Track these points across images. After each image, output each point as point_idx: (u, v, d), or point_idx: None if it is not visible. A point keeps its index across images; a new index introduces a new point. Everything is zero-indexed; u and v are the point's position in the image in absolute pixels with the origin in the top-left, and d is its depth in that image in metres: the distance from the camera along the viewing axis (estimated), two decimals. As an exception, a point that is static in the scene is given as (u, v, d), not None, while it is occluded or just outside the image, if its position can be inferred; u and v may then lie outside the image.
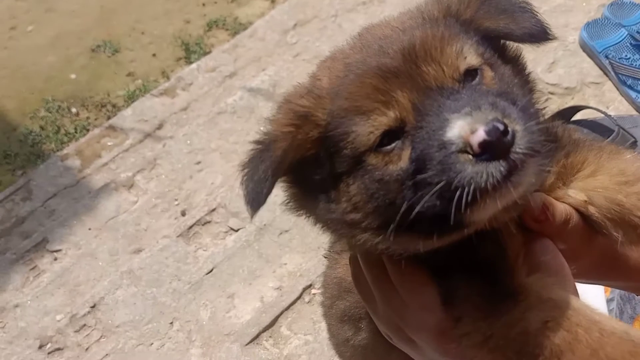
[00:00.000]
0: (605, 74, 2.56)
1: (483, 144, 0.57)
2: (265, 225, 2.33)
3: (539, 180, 0.69)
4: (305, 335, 2.01)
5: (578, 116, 2.38)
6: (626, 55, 2.47)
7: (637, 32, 2.47)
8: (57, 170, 2.69)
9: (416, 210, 0.61)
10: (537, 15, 0.72)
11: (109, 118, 2.90)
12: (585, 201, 0.74)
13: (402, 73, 0.64)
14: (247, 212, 0.70)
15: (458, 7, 0.73)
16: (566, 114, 2.38)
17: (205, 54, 3.09)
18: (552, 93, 2.58)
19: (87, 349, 2.09)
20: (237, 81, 2.93)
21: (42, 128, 2.88)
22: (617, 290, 1.44)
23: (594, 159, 0.75)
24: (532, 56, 2.74)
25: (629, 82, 2.45)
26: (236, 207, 2.40)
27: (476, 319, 0.67)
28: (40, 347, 2.09)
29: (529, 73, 0.77)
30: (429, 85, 0.64)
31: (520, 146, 0.58)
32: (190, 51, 3.12)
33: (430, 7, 0.74)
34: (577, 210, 0.74)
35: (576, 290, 0.74)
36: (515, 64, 0.75)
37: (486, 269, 0.69)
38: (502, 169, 0.58)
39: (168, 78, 3.04)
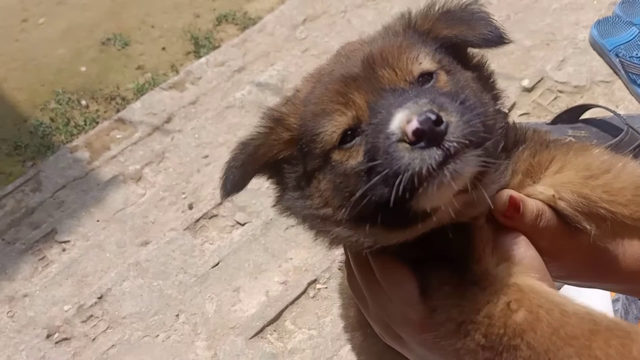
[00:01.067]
0: (615, 72, 2.53)
1: (416, 132, 0.62)
2: (271, 219, 2.34)
3: (496, 178, 0.74)
4: (309, 330, 2.02)
5: (587, 115, 2.37)
6: (637, 54, 2.45)
7: (649, 30, 2.45)
8: (66, 162, 2.71)
9: (359, 194, 0.68)
10: (492, 22, 0.78)
11: (118, 111, 2.92)
12: (554, 196, 0.77)
13: (360, 78, 0.72)
14: (220, 197, 0.81)
15: (416, 20, 0.81)
16: (575, 112, 2.37)
17: (215, 48, 3.10)
18: (561, 91, 2.56)
19: (93, 339, 2.11)
20: (245, 76, 2.94)
21: (52, 120, 2.91)
22: (623, 290, 1.43)
23: (561, 157, 0.78)
24: (542, 54, 2.74)
25: (639, 81, 2.43)
26: (243, 202, 2.42)
27: (448, 307, 0.70)
28: (48, 336, 2.12)
29: (494, 80, 0.83)
30: (383, 87, 0.71)
31: (454, 135, 0.63)
32: (200, 45, 3.13)
33: (394, 22, 0.84)
34: (549, 206, 0.77)
35: (552, 283, 0.76)
36: (479, 71, 0.82)
37: (456, 260, 0.72)
38: (436, 156, 0.63)
39: (177, 72, 3.05)
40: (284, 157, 0.79)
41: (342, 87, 0.72)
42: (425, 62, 0.74)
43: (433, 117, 0.62)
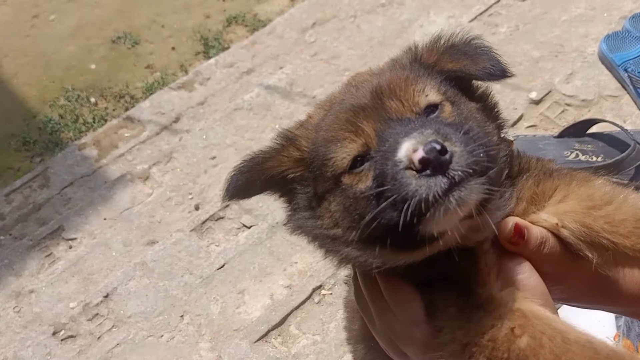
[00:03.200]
0: (624, 87, 2.55)
1: (422, 161, 0.66)
2: (277, 223, 2.36)
3: (500, 204, 0.78)
4: (313, 336, 2.04)
5: (594, 129, 2.38)
6: (646, 70, 2.46)
7: (658, 46, 2.47)
8: (74, 159, 2.73)
9: (369, 217, 0.72)
10: (495, 56, 0.83)
11: (127, 109, 2.94)
12: (557, 224, 0.80)
13: (369, 108, 0.77)
14: (222, 199, 0.87)
15: (423, 54, 0.86)
16: (582, 126, 2.39)
17: (224, 49, 3.11)
18: (568, 105, 2.57)
19: (99, 337, 2.13)
20: (254, 78, 2.95)
21: (61, 116, 2.92)
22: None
23: (565, 186, 0.82)
24: (550, 65, 2.75)
25: (647, 96, 2.45)
26: (249, 204, 2.43)
27: (453, 328, 0.73)
28: (54, 333, 2.14)
29: (498, 111, 0.88)
30: (390, 116, 0.76)
31: (458, 164, 0.67)
32: (209, 46, 3.14)
33: (402, 56, 0.89)
34: (552, 234, 0.80)
35: (554, 308, 0.79)
36: (483, 101, 0.86)
37: (462, 283, 0.75)
38: (442, 184, 0.67)
39: (186, 72, 3.07)
40: (295, 177, 0.83)
41: (352, 116, 0.77)
42: (431, 94, 0.78)
43: (438, 146, 0.66)
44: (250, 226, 2.39)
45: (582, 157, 2.31)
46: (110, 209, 2.53)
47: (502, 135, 0.85)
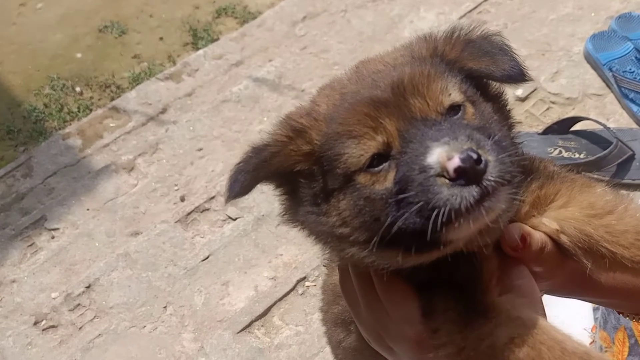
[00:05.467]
0: (608, 86, 2.58)
1: (458, 170, 0.64)
2: (263, 215, 2.35)
3: (511, 208, 0.75)
4: (296, 326, 2.04)
5: (577, 127, 2.41)
6: (630, 69, 2.49)
7: (643, 46, 2.49)
8: (58, 149, 2.70)
9: (397, 226, 0.68)
10: (515, 58, 0.79)
11: (112, 99, 2.91)
12: (558, 230, 0.80)
13: (390, 104, 0.72)
14: (225, 198, 0.80)
15: (444, 48, 0.80)
16: (566, 124, 2.41)
17: (213, 41, 3.09)
18: (553, 102, 2.60)
19: (80, 328, 2.11)
20: (243, 70, 2.94)
21: (45, 105, 2.89)
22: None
23: (566, 191, 0.81)
24: (537, 64, 2.77)
25: (631, 95, 2.47)
26: (235, 196, 2.43)
27: (451, 331, 0.73)
28: (35, 323, 2.12)
29: (509, 110, 0.85)
30: (414, 115, 0.71)
31: (492, 174, 0.65)
32: (198, 37, 3.12)
33: (418, 46, 0.82)
34: (550, 237, 0.80)
35: (544, 311, 0.80)
36: (497, 101, 0.82)
37: (463, 287, 0.75)
38: (475, 193, 0.64)
39: (174, 63, 3.05)
40: (301, 170, 0.78)
41: (372, 111, 0.72)
42: (454, 93, 0.75)
43: (475, 156, 0.64)
44: (236, 218, 2.38)
45: (565, 154, 2.33)
46: (93, 200, 2.51)
47: (513, 137, 0.83)
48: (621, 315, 1.04)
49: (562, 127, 2.39)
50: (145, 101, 2.86)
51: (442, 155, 0.65)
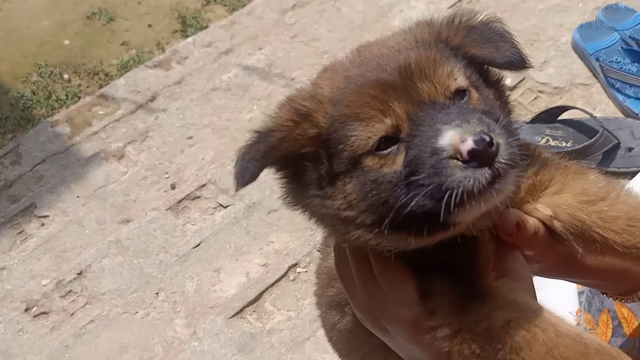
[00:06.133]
0: (595, 76, 2.62)
1: (471, 152, 0.65)
2: (254, 203, 2.36)
3: (516, 190, 0.77)
4: (288, 312, 2.07)
5: (565, 115, 2.45)
6: (616, 59, 2.53)
7: (630, 36, 2.53)
8: (46, 136, 2.68)
9: (408, 208, 0.69)
10: (516, 45, 0.80)
11: (101, 87, 2.89)
12: (551, 216, 0.81)
13: (398, 87, 0.72)
14: (234, 187, 0.77)
15: (448, 34, 0.80)
16: (553, 113, 2.45)
17: (202, 28, 3.08)
18: (541, 91, 2.63)
19: (72, 314, 2.12)
20: (232, 58, 2.93)
21: (33, 93, 2.86)
22: (588, 284, 1.51)
23: (560, 178, 0.83)
24: (526, 53, 2.80)
25: (617, 85, 2.52)
26: (226, 184, 2.43)
27: (448, 314, 0.74)
28: (27, 310, 2.12)
29: (508, 96, 0.86)
30: (423, 99, 0.72)
31: (503, 157, 0.67)
32: (187, 25, 3.10)
33: (422, 31, 0.82)
34: (542, 223, 0.82)
35: (535, 294, 0.82)
36: (497, 87, 0.83)
37: (461, 271, 0.76)
38: (487, 175, 0.66)
39: (163, 50, 3.03)
40: (305, 153, 0.77)
41: (380, 94, 0.72)
42: (459, 78, 0.75)
43: (487, 138, 0.65)
44: (227, 206, 2.39)
45: (552, 143, 2.37)
46: (83, 187, 2.50)
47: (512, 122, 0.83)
48: (605, 295, 1.07)
49: (549, 116, 2.43)
50: (134, 89, 2.85)
51: (455, 137, 0.66)
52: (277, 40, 2.96)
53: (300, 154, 0.77)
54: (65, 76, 2.95)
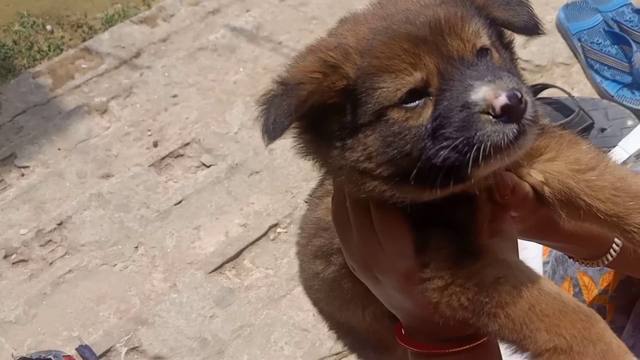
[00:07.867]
0: (576, 56, 2.67)
1: (504, 107, 0.67)
2: (237, 164, 2.39)
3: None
4: (266, 270, 2.12)
5: (544, 94, 2.51)
6: (597, 40, 2.58)
7: (612, 19, 2.59)
8: (27, 87, 2.65)
9: (435, 160, 0.71)
10: (532, 10, 0.82)
11: (84, 40, 2.85)
12: (542, 182, 0.85)
13: (429, 41, 0.73)
14: (263, 142, 0.76)
15: None
16: (533, 91, 2.51)
17: (190, -14, 3.03)
18: (523, 69, 2.65)
19: (51, 263, 2.14)
20: (220, 18, 2.91)
21: (15, 42, 2.81)
22: (553, 254, 1.59)
23: (555, 146, 0.86)
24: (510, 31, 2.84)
25: (596, 66, 2.58)
26: (210, 144, 2.45)
27: (441, 268, 0.78)
28: (5, 257, 2.13)
29: (517, 58, 0.88)
30: (452, 55, 0.73)
31: (530, 114, 0.70)
32: (175, -18, 3.05)
33: None
34: (532, 187, 0.87)
35: (518, 252, 0.87)
36: (509, 49, 0.86)
37: (458, 228, 0.80)
38: (515, 130, 0.69)
39: (149, 6, 2.99)
40: (329, 104, 0.76)
41: (411, 47, 0.73)
42: (484, 37, 0.77)
43: (519, 94, 0.67)
44: (210, 165, 2.41)
45: (530, 118, 2.43)
46: (65, 140, 2.49)
47: None
48: (572, 260, 1.14)
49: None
50: (119, 44, 2.81)
51: (489, 93, 0.68)
52: (266, 3, 2.94)
53: (324, 106, 0.77)
54: (48, 27, 2.89)
